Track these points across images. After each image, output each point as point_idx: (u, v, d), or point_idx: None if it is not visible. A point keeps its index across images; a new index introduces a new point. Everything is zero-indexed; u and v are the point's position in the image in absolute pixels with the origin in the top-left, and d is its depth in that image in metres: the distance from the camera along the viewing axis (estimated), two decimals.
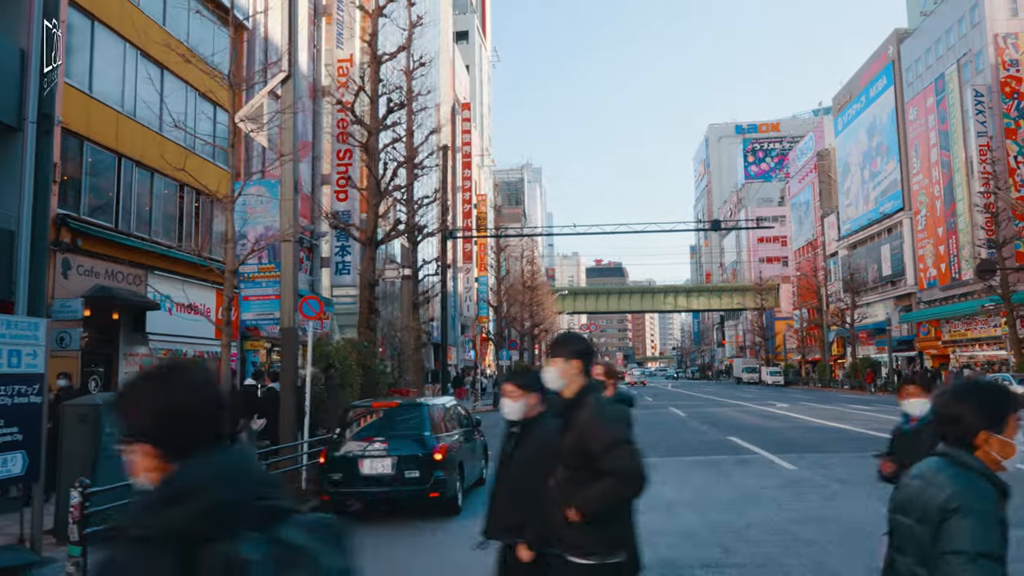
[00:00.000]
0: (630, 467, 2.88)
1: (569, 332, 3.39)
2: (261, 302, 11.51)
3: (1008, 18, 42.13)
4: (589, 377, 3.11)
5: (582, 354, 3.06)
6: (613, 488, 2.87)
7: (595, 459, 2.87)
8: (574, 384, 3.03)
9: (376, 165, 15.79)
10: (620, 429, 2.96)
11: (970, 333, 43.77)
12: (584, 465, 2.91)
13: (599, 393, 3.11)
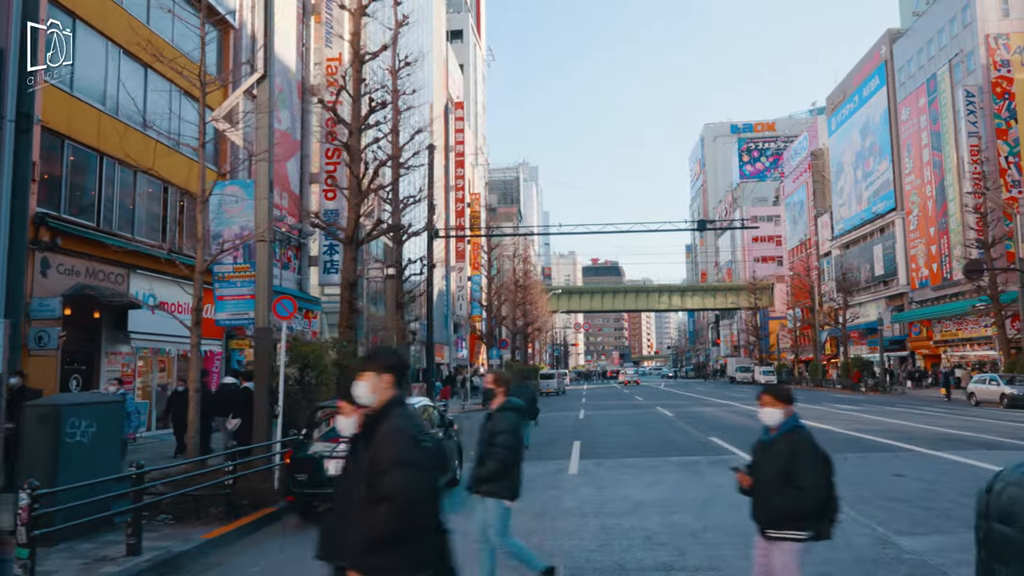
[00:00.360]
0: (405, 492, 2.68)
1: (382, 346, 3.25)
2: (236, 302, 11.50)
3: (999, 19, 42.21)
4: (401, 391, 3.00)
5: (394, 368, 2.98)
6: (388, 513, 2.67)
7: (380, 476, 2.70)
8: (383, 397, 2.93)
9: (357, 165, 15.80)
10: (410, 450, 2.75)
11: (961, 333, 43.89)
12: (376, 483, 2.73)
13: (404, 408, 2.95)
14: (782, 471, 3.84)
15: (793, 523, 3.83)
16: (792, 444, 3.89)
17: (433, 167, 21.84)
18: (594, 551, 6.96)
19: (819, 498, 3.79)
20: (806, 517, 3.81)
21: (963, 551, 6.52)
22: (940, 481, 10.13)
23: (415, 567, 2.78)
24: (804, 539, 3.85)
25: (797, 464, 3.81)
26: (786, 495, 3.79)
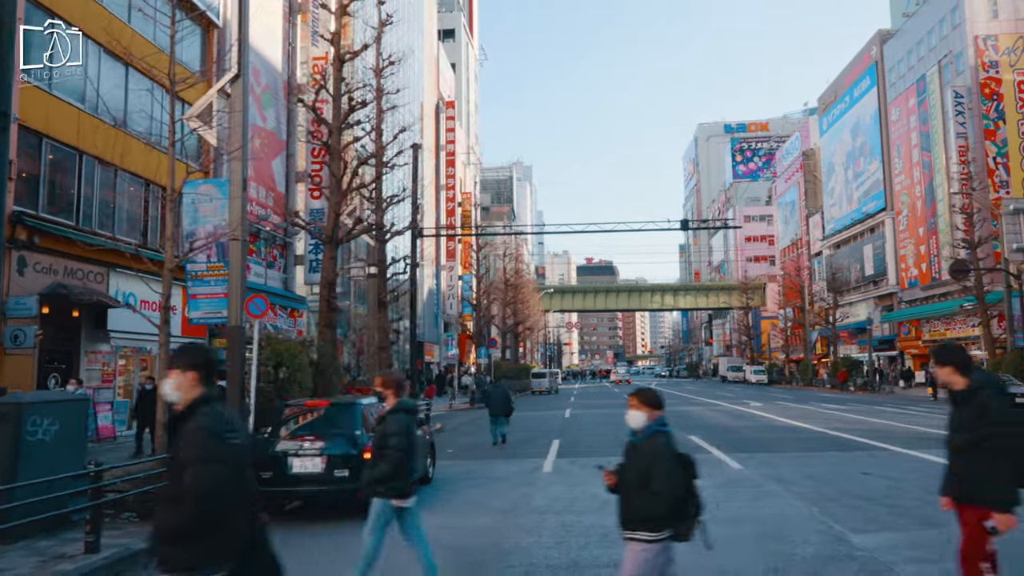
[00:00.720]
0: (203, 487, 2.71)
1: (189, 344, 3.25)
2: (209, 300, 11.50)
3: (988, 20, 42.36)
4: (209, 389, 3.02)
5: (199, 366, 3.02)
6: (185, 508, 2.70)
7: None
8: (188, 395, 2.97)
9: (337, 164, 15.81)
10: (210, 447, 2.79)
11: (949, 333, 44.03)
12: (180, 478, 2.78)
13: (211, 406, 2.96)
14: (642, 474, 3.89)
15: (646, 525, 3.85)
16: (653, 447, 3.94)
17: (418, 166, 21.83)
18: (551, 548, 7.00)
19: (672, 502, 3.81)
20: (659, 519, 3.83)
21: (914, 548, 6.57)
22: (907, 479, 10.18)
23: (212, 561, 2.80)
24: (656, 540, 3.86)
25: (654, 468, 3.85)
26: (643, 498, 3.84)
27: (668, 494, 3.79)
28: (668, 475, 3.83)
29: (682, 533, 3.93)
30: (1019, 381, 28.14)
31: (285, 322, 25.38)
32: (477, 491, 10.59)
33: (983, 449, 4.01)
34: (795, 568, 6.06)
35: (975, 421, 4.07)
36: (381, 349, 20.46)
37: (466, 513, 9.10)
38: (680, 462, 3.94)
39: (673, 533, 3.90)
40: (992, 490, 4.02)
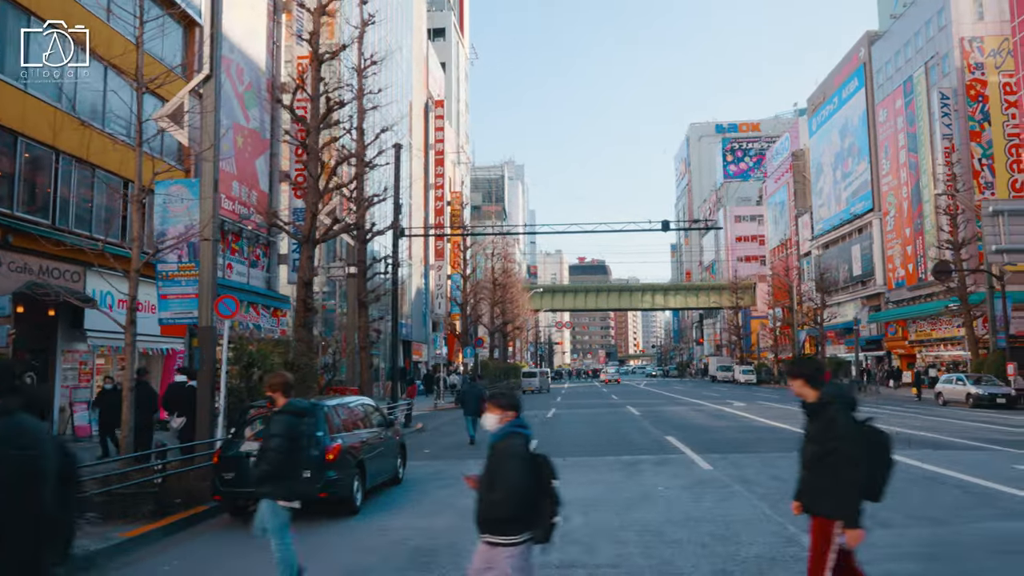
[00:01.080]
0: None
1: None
2: (180, 301, 11.49)
3: (974, 22, 42.58)
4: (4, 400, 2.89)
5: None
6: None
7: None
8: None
9: (315, 163, 15.81)
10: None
11: (935, 333, 44.29)
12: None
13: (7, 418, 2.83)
14: (492, 476, 3.89)
15: (495, 526, 3.84)
16: (505, 449, 3.93)
17: (399, 166, 21.84)
18: None
19: (518, 503, 3.77)
20: (507, 520, 3.81)
21: (861, 549, 6.63)
22: None
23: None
24: (516, 543, 3.85)
25: (500, 469, 3.85)
26: (490, 499, 3.85)
27: (512, 494, 3.76)
28: (512, 476, 3.76)
29: (539, 536, 3.92)
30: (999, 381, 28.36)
31: (268, 321, 25.36)
32: (446, 491, 10.63)
33: (826, 463, 4.05)
34: (741, 568, 6.12)
35: (822, 434, 4.11)
36: (362, 349, 20.47)
37: (431, 514, 9.14)
38: (534, 463, 3.89)
39: (529, 536, 3.90)
40: (833, 503, 4.05)
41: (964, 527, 7.40)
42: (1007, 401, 26.85)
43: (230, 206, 23.27)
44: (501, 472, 3.82)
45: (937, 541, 6.86)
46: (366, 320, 20.36)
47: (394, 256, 21.22)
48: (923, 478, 10.35)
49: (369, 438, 9.93)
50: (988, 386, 27.84)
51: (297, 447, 5.48)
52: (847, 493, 4.01)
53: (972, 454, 13.03)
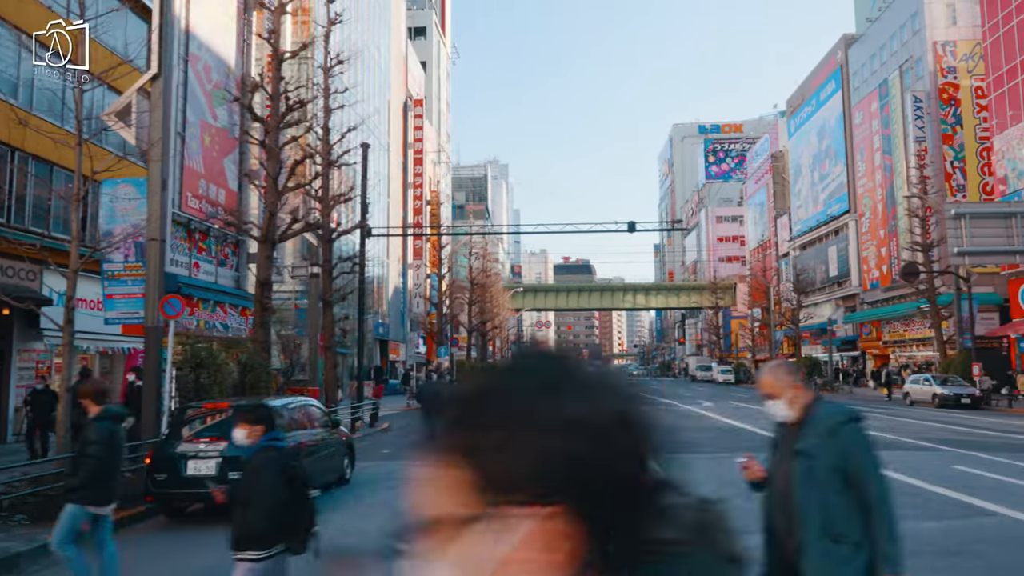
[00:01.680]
0: None
1: None
2: (126, 300, 11.46)
3: (947, 26, 43.03)
4: None
5: None
6: None
7: None
8: None
9: (274, 163, 15.77)
10: None
11: (908, 334, 44.76)
12: None
13: None
14: (246, 492, 3.87)
15: (251, 543, 3.78)
16: (258, 464, 3.92)
17: (367, 165, 21.82)
18: None
19: (270, 517, 3.75)
20: (263, 536, 3.77)
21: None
22: None
23: None
24: (263, 558, 3.76)
25: (253, 486, 3.84)
26: (247, 515, 3.80)
27: (265, 511, 3.74)
28: (265, 491, 3.74)
29: (294, 546, 3.90)
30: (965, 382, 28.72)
31: (236, 320, 25.20)
32: (392, 492, 10.62)
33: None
34: None
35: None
36: (327, 349, 20.42)
37: (370, 515, 9.14)
38: (286, 476, 3.87)
39: (285, 547, 3.87)
40: None
41: None
42: (971, 401, 27.19)
43: (197, 205, 23.13)
44: (254, 488, 3.80)
45: None
46: (331, 319, 20.32)
47: (360, 256, 21.19)
48: None
49: (309, 440, 9.92)
50: (954, 387, 28.18)
51: (114, 453, 5.48)
52: None
53: (918, 454, 13.19)
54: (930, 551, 6.58)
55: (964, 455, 12.91)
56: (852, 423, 2.61)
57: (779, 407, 2.79)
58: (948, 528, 7.42)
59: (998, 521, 7.70)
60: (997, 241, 22.21)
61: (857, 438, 2.60)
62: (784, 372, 2.82)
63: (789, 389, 2.77)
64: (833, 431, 2.60)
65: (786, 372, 2.81)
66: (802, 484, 2.63)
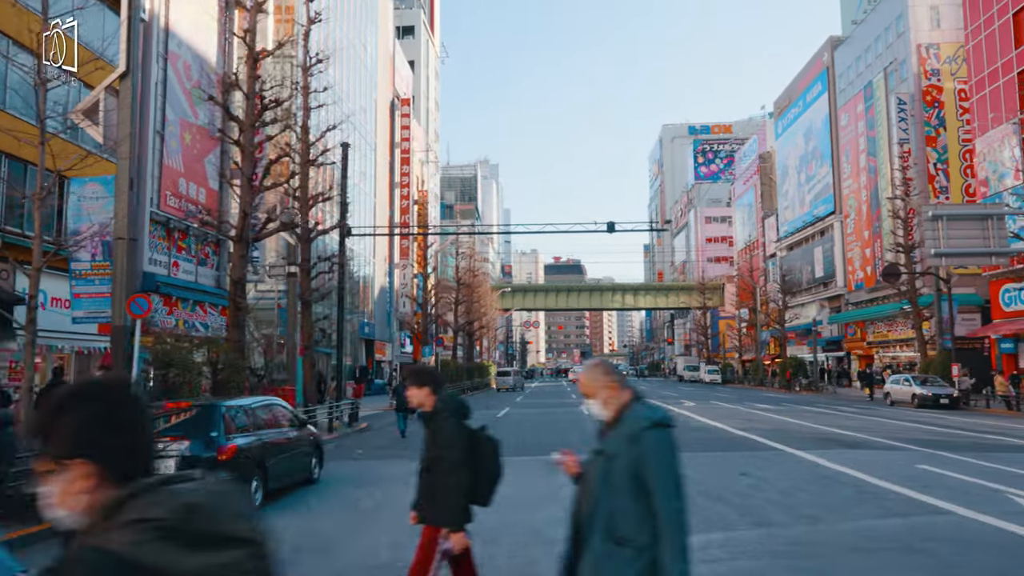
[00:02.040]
0: None
1: None
2: (93, 300, 11.41)
3: (930, 29, 43.32)
4: None
5: None
6: None
7: None
8: None
9: (248, 162, 15.73)
10: None
11: (891, 335, 45.01)
12: None
13: None
14: None
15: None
16: None
17: (347, 164, 21.78)
18: (383, 548, 7.08)
19: None
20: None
21: (722, 547, 6.77)
22: (771, 479, 10.44)
23: None
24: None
25: None
26: None
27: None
28: None
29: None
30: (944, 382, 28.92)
31: (216, 320, 25.13)
32: (358, 492, 10.64)
33: (433, 471, 4.13)
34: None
35: (432, 443, 4.18)
36: (305, 348, 20.39)
37: (325, 514, 9.16)
38: None
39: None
40: (437, 511, 4.11)
41: (837, 526, 7.57)
42: (950, 402, 27.39)
43: (176, 203, 23.07)
44: None
45: (803, 540, 7.00)
46: (309, 319, 20.29)
47: (340, 255, 21.16)
48: (823, 477, 10.55)
49: (275, 439, 9.93)
50: (933, 387, 28.38)
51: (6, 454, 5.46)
52: (449, 499, 4.06)
53: (885, 454, 13.30)
54: (882, 548, 6.65)
55: (931, 455, 13.01)
56: (654, 430, 2.51)
57: (595, 407, 2.72)
58: (902, 526, 7.49)
59: (952, 520, 7.78)
60: (974, 243, 22.37)
61: (656, 446, 2.49)
62: (600, 372, 2.73)
63: (604, 389, 2.69)
64: (635, 436, 2.51)
65: (602, 372, 2.73)
66: (598, 484, 2.56)
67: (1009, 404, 26.58)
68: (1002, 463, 11.83)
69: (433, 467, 4.18)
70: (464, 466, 4.07)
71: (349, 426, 20.71)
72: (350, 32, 40.56)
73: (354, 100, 40.54)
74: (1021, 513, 8.00)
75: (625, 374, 38.47)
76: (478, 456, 4.22)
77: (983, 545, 6.71)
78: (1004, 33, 34.45)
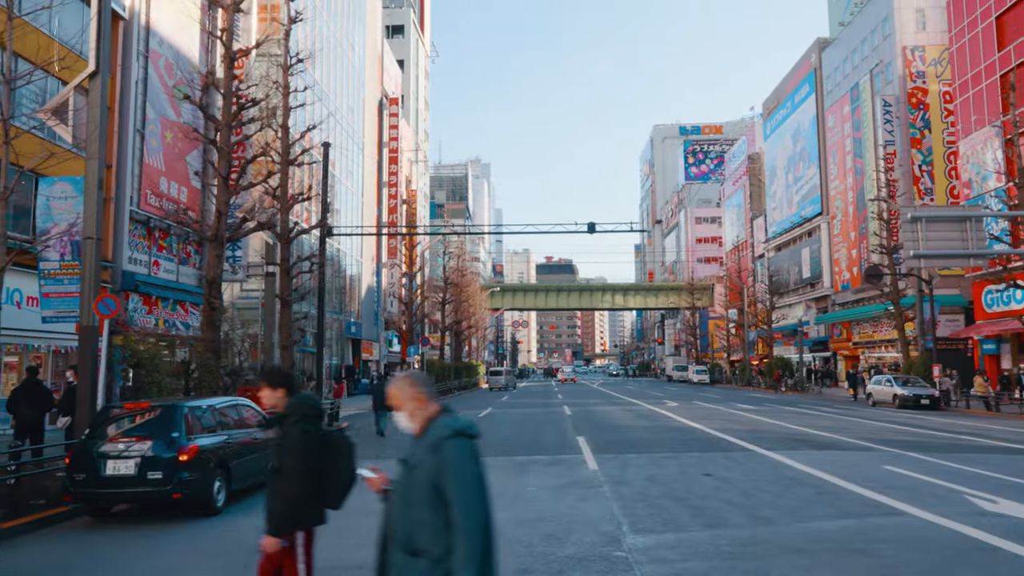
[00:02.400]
0: None
1: None
2: (62, 299, 11.39)
3: (916, 31, 43.58)
4: None
5: None
6: None
7: None
8: None
9: (225, 162, 15.72)
10: None
11: (876, 335, 45.25)
12: None
13: None
14: None
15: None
16: None
17: (327, 164, 21.77)
18: (339, 548, 7.09)
19: None
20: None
21: (673, 548, 6.83)
22: (735, 480, 10.51)
23: None
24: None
25: None
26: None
27: None
28: None
29: None
30: (925, 383, 29.09)
31: (198, 319, 25.05)
32: None
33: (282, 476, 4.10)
34: (543, 568, 6.25)
35: (280, 446, 4.18)
36: (283, 348, 20.38)
37: None
38: None
39: None
40: (270, 512, 4.12)
41: (789, 527, 7.63)
42: (930, 402, 27.57)
43: (157, 202, 23.01)
44: None
45: (752, 541, 7.06)
46: (289, 318, 20.29)
47: (320, 255, 21.15)
48: (787, 479, 10.63)
49: (241, 439, 9.92)
50: (914, 387, 28.55)
51: None
52: (279, 504, 4.06)
53: (854, 454, 13.39)
54: (824, 549, 6.72)
55: (899, 455, 13.12)
56: (455, 439, 2.51)
57: (402, 419, 2.72)
58: (851, 527, 7.56)
59: (904, 521, 7.85)
60: (952, 244, 22.46)
61: (455, 456, 2.48)
62: (407, 384, 2.72)
63: (410, 401, 2.69)
64: (436, 446, 2.51)
65: (409, 384, 2.71)
66: (400, 496, 2.57)
67: (988, 405, 26.77)
68: (967, 464, 11.94)
69: (276, 472, 4.18)
70: (303, 475, 4.07)
71: (329, 425, 20.73)
72: (337, 31, 40.51)
73: (341, 99, 40.50)
74: (974, 514, 8.09)
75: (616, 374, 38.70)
76: (332, 458, 4.24)
77: (927, 546, 6.79)
78: (987, 36, 34.68)
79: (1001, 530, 7.24)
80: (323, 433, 4.25)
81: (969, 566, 6.23)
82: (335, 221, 37.52)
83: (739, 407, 28.15)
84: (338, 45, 40.88)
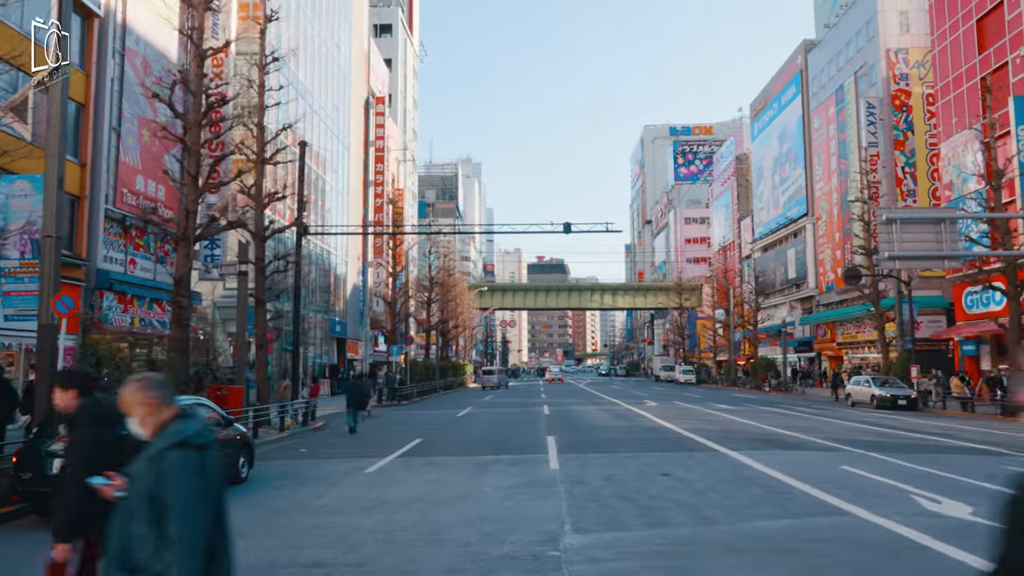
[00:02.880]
0: None
1: None
2: (23, 298, 11.36)
3: (900, 34, 43.81)
4: None
5: None
6: None
7: None
8: None
9: (194, 160, 15.69)
10: None
11: (860, 336, 45.48)
12: None
13: None
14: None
15: None
16: None
17: (304, 163, 21.75)
18: (273, 550, 7.11)
19: None
20: None
21: (608, 548, 6.87)
22: (691, 480, 10.57)
23: None
24: None
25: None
26: None
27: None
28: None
29: None
30: (903, 383, 29.26)
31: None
32: (283, 491, 10.67)
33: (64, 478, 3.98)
34: (473, 567, 6.28)
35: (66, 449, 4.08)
36: (259, 348, 20.36)
37: (237, 513, 9.15)
38: None
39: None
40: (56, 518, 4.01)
41: (730, 526, 7.68)
42: (908, 403, 27.73)
43: (133, 201, 22.93)
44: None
45: (689, 540, 7.11)
46: (263, 318, 20.26)
47: (297, 254, 21.14)
48: (742, 479, 10.69)
49: None
50: (892, 388, 28.72)
51: None
52: (62, 509, 3.93)
53: (816, 454, 13.47)
54: (758, 549, 6.77)
55: (861, 456, 13.20)
56: (176, 449, 2.40)
57: (134, 425, 2.59)
58: (791, 527, 7.61)
59: (845, 521, 7.91)
60: (927, 246, 22.59)
61: (175, 467, 2.37)
62: (137, 388, 2.59)
63: (139, 407, 2.57)
64: (157, 456, 2.41)
65: (138, 388, 2.58)
66: (120, 507, 2.47)
67: (964, 405, 26.95)
68: (923, 464, 12.02)
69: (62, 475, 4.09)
70: (83, 479, 3.95)
71: (304, 424, 20.72)
72: (322, 30, 40.45)
73: (326, 98, 40.45)
74: (916, 514, 8.16)
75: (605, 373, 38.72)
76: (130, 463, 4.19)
77: (862, 545, 6.85)
78: (968, 39, 34.90)
79: (937, 530, 7.30)
80: (120, 437, 3.96)
81: (897, 565, 6.29)
82: (320, 220, 37.47)
83: (717, 407, 28.25)
84: (322, 44, 40.81)
